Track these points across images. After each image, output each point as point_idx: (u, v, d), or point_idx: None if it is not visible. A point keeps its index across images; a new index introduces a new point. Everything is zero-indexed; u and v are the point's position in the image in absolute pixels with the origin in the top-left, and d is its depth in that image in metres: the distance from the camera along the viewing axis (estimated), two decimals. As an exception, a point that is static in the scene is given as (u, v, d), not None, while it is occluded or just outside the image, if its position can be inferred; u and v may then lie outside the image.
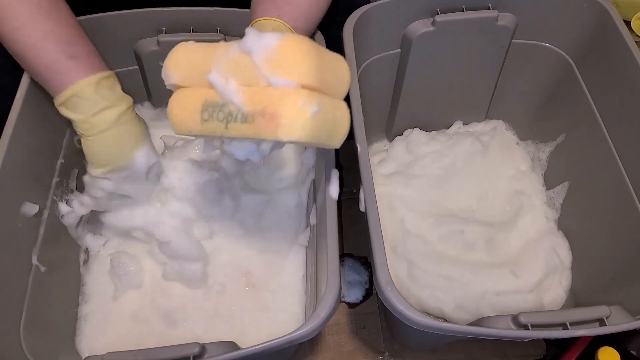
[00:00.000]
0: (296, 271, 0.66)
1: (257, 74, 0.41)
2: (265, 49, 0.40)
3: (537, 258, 0.71)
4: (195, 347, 0.45)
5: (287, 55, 0.40)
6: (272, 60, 0.40)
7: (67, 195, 0.65)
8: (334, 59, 0.45)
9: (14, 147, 0.54)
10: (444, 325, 0.46)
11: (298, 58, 0.40)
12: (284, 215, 0.70)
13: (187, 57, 0.45)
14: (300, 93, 0.40)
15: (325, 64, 0.43)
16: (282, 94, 0.40)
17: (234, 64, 0.42)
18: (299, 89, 0.40)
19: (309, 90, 0.41)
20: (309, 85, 0.41)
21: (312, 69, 0.41)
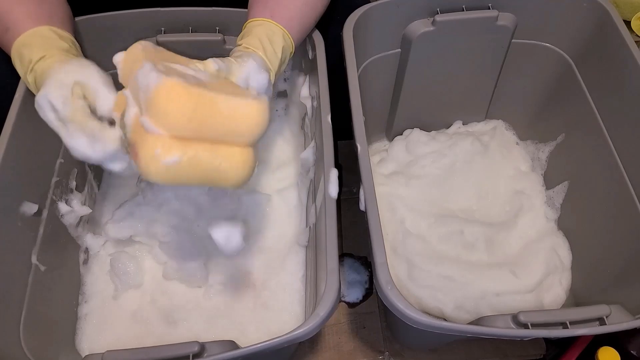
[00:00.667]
0: (296, 271, 0.66)
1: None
2: (146, 89, 0.40)
3: (537, 258, 0.71)
4: (195, 346, 0.45)
5: (159, 103, 0.39)
6: (148, 102, 0.40)
7: (66, 195, 0.65)
8: (232, 107, 0.42)
9: (13, 147, 0.54)
10: (444, 324, 0.46)
11: (169, 108, 0.39)
12: (283, 215, 0.70)
13: (133, 59, 0.45)
14: (157, 141, 0.40)
15: (212, 113, 0.41)
16: (144, 137, 0.40)
17: (135, 89, 0.42)
18: (160, 136, 0.40)
19: (174, 140, 0.40)
20: (178, 135, 0.40)
21: (182, 120, 0.40)
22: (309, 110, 0.71)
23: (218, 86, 0.43)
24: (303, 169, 0.69)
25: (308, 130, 0.72)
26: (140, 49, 0.47)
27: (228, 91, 0.42)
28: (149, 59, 0.43)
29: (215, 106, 0.41)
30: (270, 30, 0.54)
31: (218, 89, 0.42)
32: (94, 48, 0.64)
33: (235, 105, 0.41)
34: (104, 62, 0.65)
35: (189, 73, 0.44)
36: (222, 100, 0.41)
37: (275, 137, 0.76)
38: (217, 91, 0.41)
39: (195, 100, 0.40)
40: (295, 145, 0.75)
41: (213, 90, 0.41)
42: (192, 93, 0.40)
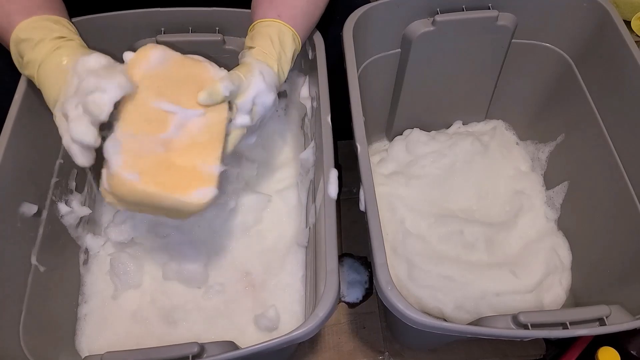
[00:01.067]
0: (296, 271, 0.66)
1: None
2: (107, 160, 0.47)
3: (537, 258, 0.71)
4: (194, 347, 0.45)
5: (111, 185, 0.47)
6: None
7: (66, 196, 0.65)
8: (173, 204, 0.47)
9: (12, 147, 0.54)
10: (444, 324, 0.46)
11: (116, 193, 0.47)
12: (283, 216, 0.70)
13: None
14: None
15: (154, 205, 0.47)
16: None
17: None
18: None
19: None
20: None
21: (126, 203, 0.48)
22: (309, 110, 0.71)
23: (178, 155, 0.48)
24: (303, 169, 0.69)
25: (308, 130, 0.72)
26: (149, 55, 0.50)
27: (182, 166, 0.48)
28: (148, 87, 0.49)
29: (157, 201, 0.46)
30: (280, 32, 0.54)
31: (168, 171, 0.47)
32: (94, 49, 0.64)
33: (176, 204, 0.46)
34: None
35: (161, 137, 0.48)
36: (165, 199, 0.46)
37: (275, 138, 0.76)
38: (162, 188, 0.46)
39: (139, 197, 0.46)
40: (295, 146, 0.75)
41: (158, 186, 0.46)
42: (137, 191, 0.45)
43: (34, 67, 0.51)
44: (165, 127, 0.48)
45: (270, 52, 0.53)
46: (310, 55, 0.66)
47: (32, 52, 0.51)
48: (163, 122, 0.48)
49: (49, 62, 0.50)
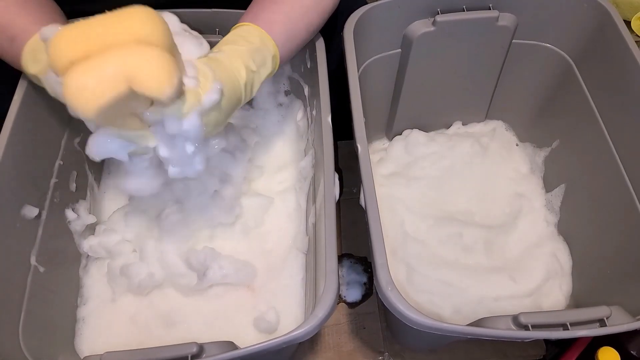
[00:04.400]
0: (296, 274, 0.66)
1: None
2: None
3: (537, 262, 0.71)
4: (193, 347, 0.45)
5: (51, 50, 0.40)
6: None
7: (73, 203, 0.65)
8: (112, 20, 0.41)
9: (11, 148, 0.54)
10: (444, 325, 0.46)
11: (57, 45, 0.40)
12: (283, 218, 0.70)
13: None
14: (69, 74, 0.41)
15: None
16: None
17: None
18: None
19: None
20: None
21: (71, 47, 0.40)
22: (309, 111, 0.71)
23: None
24: (303, 171, 0.69)
25: (308, 131, 0.72)
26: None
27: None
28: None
29: (98, 21, 0.40)
30: (245, 32, 0.53)
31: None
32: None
33: (115, 13, 0.41)
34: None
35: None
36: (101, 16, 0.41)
37: (274, 139, 0.76)
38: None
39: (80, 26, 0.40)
40: (296, 147, 0.75)
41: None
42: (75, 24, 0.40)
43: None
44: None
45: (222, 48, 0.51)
46: (310, 56, 0.66)
47: (44, 82, 0.51)
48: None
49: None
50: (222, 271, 0.64)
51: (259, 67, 0.52)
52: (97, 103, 0.39)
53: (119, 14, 0.41)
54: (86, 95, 0.39)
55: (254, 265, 0.66)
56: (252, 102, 0.77)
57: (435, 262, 0.71)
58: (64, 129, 0.65)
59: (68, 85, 0.39)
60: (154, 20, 0.41)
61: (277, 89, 0.76)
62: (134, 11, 0.41)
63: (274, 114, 0.77)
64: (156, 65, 0.40)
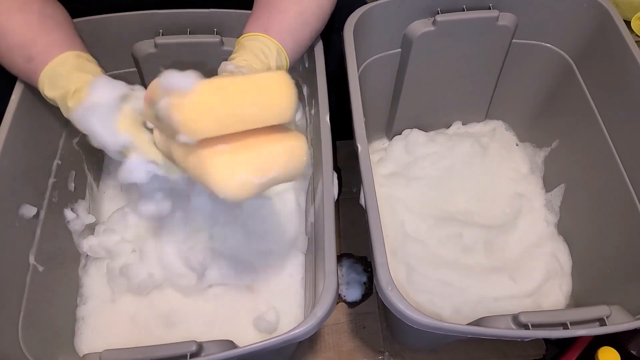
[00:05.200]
0: (295, 274, 0.66)
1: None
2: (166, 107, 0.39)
3: (537, 262, 0.71)
4: (193, 345, 0.45)
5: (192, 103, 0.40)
6: (175, 113, 0.40)
7: (72, 203, 0.65)
8: (256, 82, 0.41)
9: (9, 147, 0.54)
10: (445, 325, 0.46)
11: (200, 106, 0.40)
12: (282, 218, 0.70)
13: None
14: (221, 159, 0.41)
15: (240, 96, 0.40)
16: (200, 157, 0.41)
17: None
18: (219, 151, 0.41)
19: (231, 152, 0.40)
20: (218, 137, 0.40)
21: (217, 114, 0.39)
22: (308, 110, 0.71)
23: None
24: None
25: (306, 130, 0.72)
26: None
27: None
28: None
29: (240, 88, 0.39)
30: (264, 45, 0.54)
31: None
32: (92, 50, 0.64)
33: (257, 80, 0.40)
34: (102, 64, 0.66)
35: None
36: (242, 81, 0.40)
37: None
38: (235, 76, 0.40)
39: (222, 92, 0.39)
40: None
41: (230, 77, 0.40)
42: (215, 85, 0.39)
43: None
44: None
45: (254, 62, 0.52)
46: (308, 56, 0.66)
47: (63, 109, 0.52)
48: None
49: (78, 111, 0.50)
50: (221, 271, 0.64)
51: None
52: (246, 193, 0.40)
53: (259, 85, 0.40)
54: (236, 184, 0.39)
55: (254, 265, 0.66)
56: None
57: (435, 262, 0.71)
58: (62, 128, 0.65)
59: (215, 167, 0.39)
60: (293, 99, 0.41)
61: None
62: (276, 87, 0.40)
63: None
64: (300, 162, 0.43)
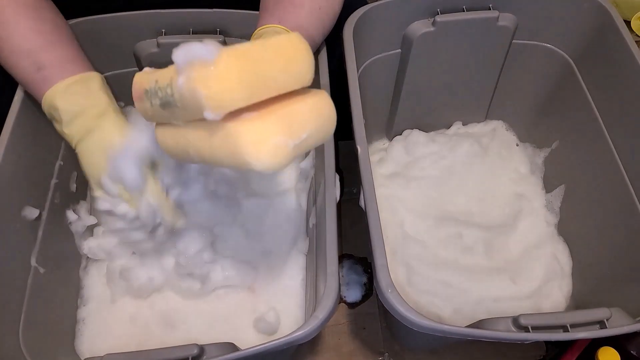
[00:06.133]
0: (296, 275, 0.66)
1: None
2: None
3: (537, 263, 0.71)
4: (194, 349, 0.45)
5: (218, 74, 0.36)
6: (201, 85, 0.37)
7: (74, 204, 0.65)
8: (276, 45, 0.38)
9: (12, 149, 0.54)
10: (445, 327, 0.46)
11: (229, 75, 0.36)
12: (283, 219, 0.70)
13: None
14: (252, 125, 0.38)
15: (263, 59, 0.37)
16: (232, 126, 0.38)
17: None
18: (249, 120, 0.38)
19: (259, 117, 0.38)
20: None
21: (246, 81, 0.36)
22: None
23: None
24: (303, 172, 0.69)
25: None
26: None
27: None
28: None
29: (262, 54, 0.37)
30: (279, 34, 0.53)
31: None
32: (95, 50, 0.64)
33: (276, 44, 0.38)
34: (104, 63, 0.66)
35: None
36: (262, 45, 0.37)
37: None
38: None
39: (246, 59, 0.36)
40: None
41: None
42: (239, 52, 0.36)
43: (72, 140, 0.53)
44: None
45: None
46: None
47: (71, 126, 0.52)
48: None
49: (90, 142, 0.53)
50: (224, 273, 0.64)
51: None
52: (283, 159, 0.37)
53: (280, 48, 0.38)
54: (271, 150, 0.36)
55: (254, 266, 0.66)
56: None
57: (435, 263, 0.71)
58: (64, 129, 0.65)
59: (247, 136, 0.36)
60: (311, 61, 0.40)
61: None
62: (296, 49, 0.38)
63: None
64: (329, 118, 0.41)
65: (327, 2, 0.57)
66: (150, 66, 0.44)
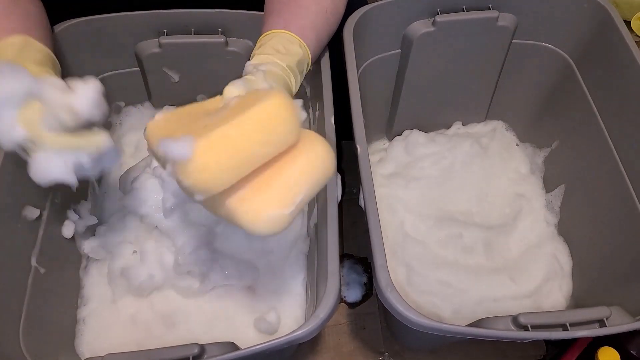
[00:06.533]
0: (296, 274, 0.66)
1: None
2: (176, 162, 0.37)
3: (537, 263, 0.71)
4: (195, 348, 0.45)
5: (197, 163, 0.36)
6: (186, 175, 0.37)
7: (75, 205, 0.65)
8: (252, 119, 0.38)
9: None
10: (444, 326, 0.46)
11: (206, 165, 0.37)
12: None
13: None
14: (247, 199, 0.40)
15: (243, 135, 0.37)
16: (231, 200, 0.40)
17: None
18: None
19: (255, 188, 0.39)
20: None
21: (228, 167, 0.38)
22: (312, 112, 0.71)
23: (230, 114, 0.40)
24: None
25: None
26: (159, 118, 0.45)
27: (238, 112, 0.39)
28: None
29: (240, 132, 0.37)
30: (286, 40, 0.53)
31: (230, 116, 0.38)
32: (95, 50, 0.64)
33: (255, 115, 0.37)
34: (105, 63, 0.66)
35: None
36: (240, 122, 0.37)
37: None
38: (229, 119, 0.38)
39: (223, 145, 0.36)
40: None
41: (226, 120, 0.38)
42: (214, 140, 0.36)
43: None
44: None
45: (274, 56, 0.52)
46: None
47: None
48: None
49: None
50: (224, 272, 0.64)
51: (299, 74, 0.54)
52: (282, 225, 0.40)
53: (259, 119, 0.37)
54: (268, 223, 0.39)
55: (255, 266, 0.66)
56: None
57: (435, 263, 0.71)
58: (65, 129, 0.65)
59: (243, 215, 0.38)
60: (296, 121, 0.39)
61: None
62: (276, 114, 0.38)
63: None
64: (324, 167, 0.42)
65: (332, 3, 0.57)
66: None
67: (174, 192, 0.66)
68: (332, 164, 0.42)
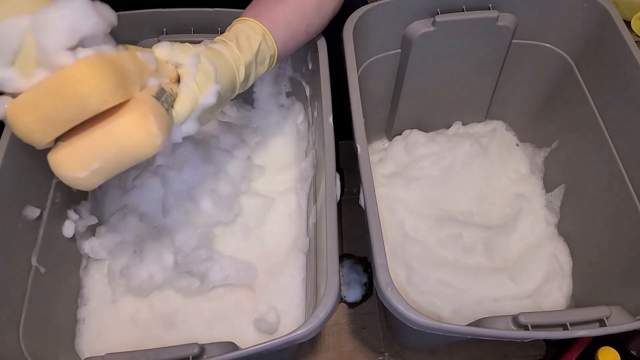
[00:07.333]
0: (296, 274, 0.66)
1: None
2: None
3: (537, 263, 0.71)
4: (195, 348, 0.45)
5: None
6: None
7: (74, 205, 0.65)
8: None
9: (13, 148, 0.54)
10: (444, 325, 0.46)
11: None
12: (284, 218, 0.70)
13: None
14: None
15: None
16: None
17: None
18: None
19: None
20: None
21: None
22: (310, 111, 0.71)
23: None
24: (304, 172, 0.69)
25: (309, 132, 0.72)
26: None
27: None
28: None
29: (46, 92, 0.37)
30: (249, 28, 0.53)
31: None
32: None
33: (56, 81, 0.37)
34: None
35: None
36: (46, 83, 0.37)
37: (276, 140, 0.76)
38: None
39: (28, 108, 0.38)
40: (297, 148, 0.75)
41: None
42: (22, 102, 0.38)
43: None
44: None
45: (230, 39, 0.51)
46: (312, 56, 0.66)
47: None
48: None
49: None
50: (223, 272, 0.64)
51: (258, 64, 0.53)
52: (84, 185, 0.42)
53: (63, 86, 0.36)
54: (71, 177, 0.42)
55: (255, 266, 0.66)
56: (253, 102, 0.77)
57: (435, 263, 0.71)
58: (65, 129, 0.65)
59: (52, 164, 0.42)
60: (104, 82, 0.37)
61: (279, 90, 0.76)
62: (82, 77, 0.36)
63: (275, 115, 0.77)
64: (128, 140, 0.39)
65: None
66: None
67: (175, 192, 0.66)
68: (142, 139, 0.39)
